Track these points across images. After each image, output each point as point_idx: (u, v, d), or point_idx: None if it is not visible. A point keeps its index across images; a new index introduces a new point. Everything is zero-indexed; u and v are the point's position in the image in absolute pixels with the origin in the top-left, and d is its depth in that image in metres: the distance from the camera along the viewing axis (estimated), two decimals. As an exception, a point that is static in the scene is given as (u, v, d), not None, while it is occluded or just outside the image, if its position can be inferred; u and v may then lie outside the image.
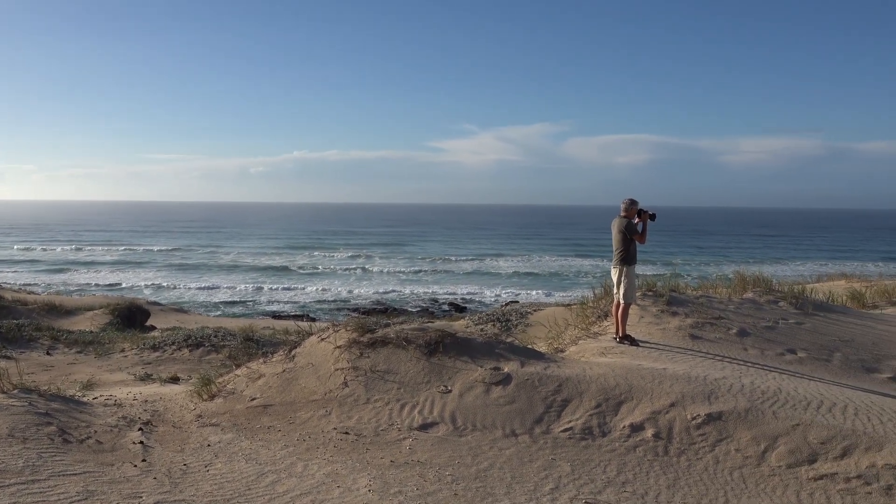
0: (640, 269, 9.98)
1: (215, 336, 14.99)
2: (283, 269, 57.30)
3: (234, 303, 40.91)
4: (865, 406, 7.29)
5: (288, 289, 46.21)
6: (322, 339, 8.69)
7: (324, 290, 46.07)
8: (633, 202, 9.45)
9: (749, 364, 8.99)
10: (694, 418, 6.85)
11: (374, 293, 44.89)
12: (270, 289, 46.27)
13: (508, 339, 9.65)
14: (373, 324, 8.90)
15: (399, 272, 56.53)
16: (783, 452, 6.33)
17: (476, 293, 45.11)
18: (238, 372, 8.66)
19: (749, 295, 11.93)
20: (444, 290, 46.22)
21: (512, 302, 32.48)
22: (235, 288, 46.40)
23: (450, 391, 7.48)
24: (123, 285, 46.91)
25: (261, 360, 8.80)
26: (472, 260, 66.03)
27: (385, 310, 33.70)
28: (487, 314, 17.98)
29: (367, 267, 59.66)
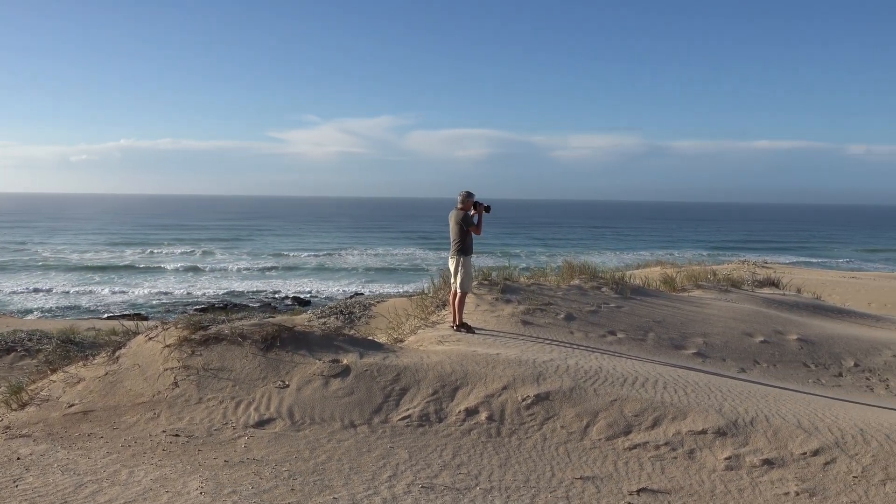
0: (476, 259, 10.33)
1: (29, 339, 13.66)
2: (111, 268, 53.20)
3: (53, 306, 37.49)
4: (673, 380, 8.06)
5: (117, 289, 42.97)
6: (150, 339, 8.23)
7: (157, 288, 43.37)
8: (469, 195, 9.74)
9: (575, 346, 9.62)
10: (524, 399, 7.24)
11: (212, 291, 42.92)
12: (96, 288, 42.83)
13: (349, 332, 9.65)
14: (207, 321, 8.53)
15: (240, 268, 54.47)
16: (603, 426, 6.86)
17: (321, 288, 44.51)
18: (54, 377, 8.00)
19: (576, 282, 12.73)
20: (288, 286, 45.19)
21: (357, 294, 32.43)
22: (53, 289, 42.50)
23: (287, 386, 7.37)
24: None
25: (81, 364, 8.18)
26: (317, 254, 65.01)
27: (224, 307, 32.34)
28: (331, 307, 17.89)
29: (204, 264, 56.89)
